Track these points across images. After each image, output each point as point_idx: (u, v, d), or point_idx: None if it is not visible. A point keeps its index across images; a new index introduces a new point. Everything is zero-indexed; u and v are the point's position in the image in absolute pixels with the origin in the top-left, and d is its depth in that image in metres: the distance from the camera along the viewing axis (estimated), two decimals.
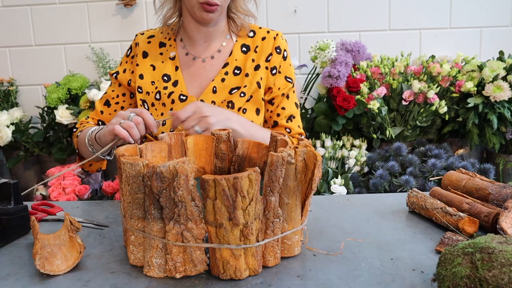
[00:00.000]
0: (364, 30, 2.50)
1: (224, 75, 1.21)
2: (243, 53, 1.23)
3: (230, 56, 1.22)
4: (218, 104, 1.18)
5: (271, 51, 1.23)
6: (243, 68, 1.21)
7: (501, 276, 0.55)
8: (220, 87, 1.19)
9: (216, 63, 1.23)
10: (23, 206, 0.91)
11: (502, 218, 0.81)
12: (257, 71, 1.21)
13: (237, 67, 1.21)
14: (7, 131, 2.30)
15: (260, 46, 1.23)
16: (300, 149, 0.75)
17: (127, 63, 1.27)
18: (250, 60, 1.22)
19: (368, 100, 2.10)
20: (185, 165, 0.66)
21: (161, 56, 1.24)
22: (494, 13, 2.47)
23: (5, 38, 2.54)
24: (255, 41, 1.24)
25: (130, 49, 1.28)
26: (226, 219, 0.68)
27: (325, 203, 1.07)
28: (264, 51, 1.23)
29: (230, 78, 1.20)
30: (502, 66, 2.12)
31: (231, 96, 1.19)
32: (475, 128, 2.16)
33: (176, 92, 1.20)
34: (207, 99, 1.18)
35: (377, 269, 0.74)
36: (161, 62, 1.23)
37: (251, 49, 1.23)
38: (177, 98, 1.19)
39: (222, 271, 0.71)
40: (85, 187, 2.05)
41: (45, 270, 0.72)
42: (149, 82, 1.22)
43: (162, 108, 1.20)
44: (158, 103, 1.21)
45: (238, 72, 1.21)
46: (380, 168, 1.97)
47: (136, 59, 1.24)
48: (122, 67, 1.27)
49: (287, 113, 1.25)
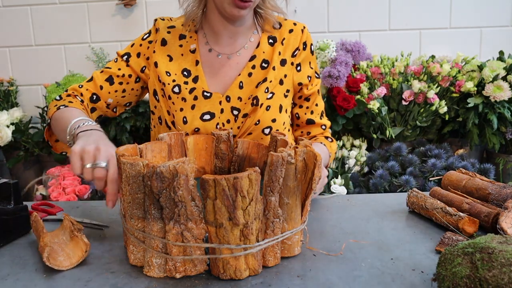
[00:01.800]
0: (364, 30, 2.50)
1: (251, 69, 1.15)
2: (270, 45, 1.18)
3: (258, 48, 1.17)
4: (244, 100, 1.13)
5: (298, 45, 1.19)
6: (270, 61, 1.16)
7: (501, 276, 0.55)
8: (246, 82, 1.14)
9: (243, 59, 1.17)
10: (23, 206, 0.91)
11: (502, 218, 0.81)
12: (283, 67, 1.17)
13: (265, 60, 1.16)
14: (7, 131, 2.30)
15: (287, 38, 1.19)
16: (300, 149, 0.75)
17: (142, 47, 1.18)
18: (276, 52, 1.17)
19: (368, 100, 2.10)
20: (185, 165, 0.66)
21: (180, 48, 1.16)
22: (494, 13, 2.47)
23: (5, 38, 2.54)
24: (282, 33, 1.19)
25: (149, 33, 1.19)
26: (226, 219, 0.68)
27: (325, 203, 1.07)
28: (291, 44, 1.19)
29: (257, 72, 1.15)
30: (502, 66, 2.12)
31: (256, 90, 1.14)
32: (475, 128, 2.16)
33: (198, 89, 1.13)
34: (233, 95, 1.13)
35: (377, 269, 0.74)
36: (180, 54, 1.16)
37: (278, 41, 1.18)
38: (200, 94, 1.12)
39: (222, 271, 0.71)
40: (85, 187, 2.05)
41: (50, 263, 0.73)
42: (164, 72, 1.14)
43: (181, 103, 1.12)
44: (176, 97, 1.12)
45: (265, 65, 1.16)
46: (380, 168, 1.97)
47: (154, 46, 1.17)
48: (134, 50, 1.18)
49: (319, 109, 1.25)
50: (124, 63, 1.18)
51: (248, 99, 1.13)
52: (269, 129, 1.13)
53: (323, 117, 1.27)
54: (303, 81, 1.20)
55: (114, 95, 1.18)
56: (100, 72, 1.18)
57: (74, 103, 1.12)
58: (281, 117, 1.16)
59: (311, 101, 1.23)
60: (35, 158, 2.44)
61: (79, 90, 1.16)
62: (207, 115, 1.11)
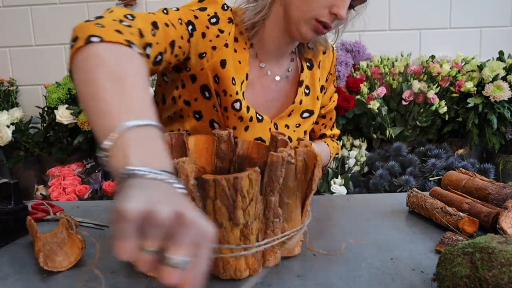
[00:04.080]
0: (364, 30, 2.49)
1: (302, 95, 1.04)
2: (308, 69, 1.07)
3: (303, 72, 1.05)
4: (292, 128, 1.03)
5: (330, 69, 1.12)
6: (312, 87, 1.06)
7: (501, 276, 0.55)
8: (296, 110, 1.04)
9: (289, 82, 1.05)
10: (23, 206, 0.91)
11: (502, 218, 0.81)
12: (321, 94, 1.11)
13: (307, 86, 1.06)
14: (7, 131, 2.30)
15: (322, 61, 1.10)
16: (300, 149, 0.75)
17: (209, 30, 0.91)
18: (317, 78, 1.07)
19: (368, 100, 2.10)
20: (185, 165, 0.66)
21: (235, 53, 0.96)
22: (494, 13, 2.47)
23: (5, 38, 2.54)
24: (317, 55, 1.08)
25: (217, 18, 0.92)
26: (226, 219, 0.68)
27: (325, 203, 1.07)
28: (326, 68, 1.11)
29: (304, 98, 1.05)
30: (502, 66, 2.12)
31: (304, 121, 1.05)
32: (475, 128, 2.16)
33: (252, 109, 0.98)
34: (281, 123, 1.03)
35: (377, 269, 0.74)
36: (238, 61, 0.96)
37: (315, 65, 1.08)
38: (255, 116, 0.98)
39: (222, 271, 0.71)
40: (85, 187, 2.05)
41: (48, 267, 0.73)
42: (230, 78, 0.93)
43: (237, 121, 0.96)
44: (233, 114, 0.95)
45: (307, 91, 1.06)
46: (380, 168, 1.97)
47: (227, 38, 0.93)
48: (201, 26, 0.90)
49: (332, 122, 1.25)
50: (187, 33, 0.88)
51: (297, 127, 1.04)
52: None
53: (333, 128, 1.26)
54: (325, 103, 1.17)
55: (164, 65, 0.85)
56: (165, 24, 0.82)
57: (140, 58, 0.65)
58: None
59: (327, 117, 1.22)
60: (35, 158, 2.44)
61: (150, 37, 0.77)
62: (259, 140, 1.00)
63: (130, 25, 0.72)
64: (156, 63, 0.82)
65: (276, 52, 1.01)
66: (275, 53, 1.01)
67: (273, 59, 1.02)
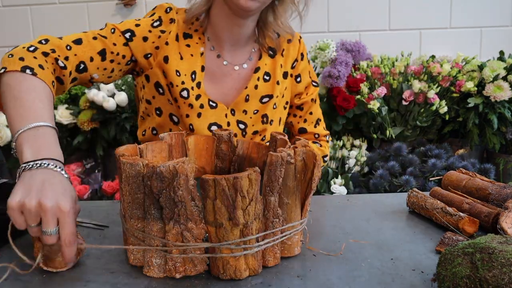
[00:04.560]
0: (364, 30, 2.50)
1: (257, 81, 1.11)
2: (271, 57, 1.14)
3: (260, 60, 1.13)
4: (250, 114, 1.10)
5: (297, 57, 1.17)
6: (272, 74, 1.13)
7: (501, 276, 0.55)
8: (252, 95, 1.10)
9: (247, 70, 1.12)
10: None
11: (502, 218, 0.81)
12: (285, 80, 1.15)
13: (267, 72, 1.12)
14: (7, 131, 2.30)
15: (286, 49, 1.16)
16: (299, 149, 0.75)
17: (151, 33, 1.04)
18: (278, 65, 1.14)
19: (368, 100, 2.10)
20: (185, 165, 0.66)
21: (188, 48, 1.07)
22: (494, 13, 2.47)
23: (5, 38, 2.54)
24: (281, 43, 1.15)
25: (160, 21, 1.06)
26: (226, 219, 0.68)
27: (325, 203, 1.07)
28: (291, 56, 1.16)
29: (260, 84, 1.11)
30: (502, 66, 2.12)
31: (263, 106, 1.11)
32: (475, 128, 2.16)
33: (203, 96, 1.06)
34: (238, 109, 1.10)
35: (377, 269, 0.73)
36: (189, 54, 1.07)
37: (278, 53, 1.15)
38: (206, 103, 1.06)
39: (222, 271, 0.71)
40: (85, 187, 2.05)
41: (48, 267, 0.73)
42: (174, 70, 1.04)
43: (188, 109, 1.06)
44: (183, 102, 1.05)
45: (267, 78, 1.12)
46: (380, 168, 1.97)
47: (168, 37, 1.05)
48: (141, 32, 1.03)
49: (314, 118, 1.24)
50: (122, 40, 1.02)
51: (254, 114, 1.11)
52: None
53: (318, 125, 1.25)
54: (300, 91, 1.20)
55: (102, 72, 1.01)
56: (92, 38, 0.98)
57: (46, 72, 0.85)
58: (279, 129, 1.17)
59: (305, 110, 1.22)
60: None
61: (66, 52, 0.94)
62: (214, 126, 1.08)
63: (37, 48, 0.89)
64: (80, 71, 0.97)
65: (231, 40, 1.09)
66: (230, 41, 1.09)
67: (230, 49, 1.11)
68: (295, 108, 1.22)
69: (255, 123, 1.11)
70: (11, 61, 0.84)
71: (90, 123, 2.20)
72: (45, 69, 0.86)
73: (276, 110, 1.14)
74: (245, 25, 1.07)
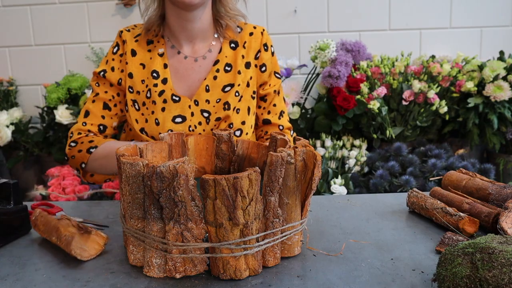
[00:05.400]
0: (364, 30, 2.49)
1: (215, 72, 1.19)
2: (232, 49, 1.22)
3: (220, 53, 1.21)
4: (212, 103, 1.17)
5: (259, 47, 1.23)
6: (233, 64, 1.20)
7: (501, 276, 0.55)
8: (212, 85, 1.18)
9: (207, 63, 1.20)
10: (23, 206, 0.91)
11: (503, 218, 0.81)
12: (248, 70, 1.21)
13: (228, 63, 1.20)
14: (6, 131, 2.30)
15: (248, 41, 1.23)
16: (299, 149, 0.75)
17: (114, 61, 1.20)
18: (240, 56, 1.21)
19: (368, 100, 2.10)
20: (185, 165, 0.66)
21: (149, 53, 1.19)
22: (494, 13, 2.47)
23: (5, 38, 2.54)
24: (243, 36, 1.23)
25: (117, 46, 1.21)
26: (226, 219, 0.68)
27: (325, 203, 1.07)
28: (253, 47, 1.23)
29: (221, 75, 1.19)
30: (502, 66, 2.12)
31: (225, 95, 1.18)
32: (475, 128, 2.16)
33: (167, 91, 1.16)
34: (201, 99, 1.17)
35: (377, 269, 0.73)
36: (149, 58, 1.19)
37: (240, 45, 1.22)
38: (169, 98, 1.16)
39: (222, 271, 0.71)
40: (84, 187, 2.05)
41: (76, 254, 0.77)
42: (139, 81, 1.17)
43: (152, 106, 1.16)
44: (148, 102, 1.16)
45: (229, 69, 1.20)
46: (380, 168, 1.97)
47: (126, 57, 1.19)
48: (108, 65, 1.20)
49: (278, 109, 1.28)
50: (107, 83, 1.20)
51: (217, 102, 1.17)
52: (240, 131, 1.18)
53: (282, 117, 1.29)
54: (264, 81, 1.25)
55: (116, 118, 1.22)
56: (92, 102, 1.20)
57: (95, 139, 1.16)
58: (249, 119, 1.21)
59: (268, 101, 1.27)
60: (34, 158, 2.44)
61: (85, 128, 1.19)
62: (178, 118, 1.15)
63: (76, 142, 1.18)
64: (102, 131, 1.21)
65: (187, 36, 1.18)
66: (187, 37, 1.19)
67: (189, 44, 1.20)
68: (259, 99, 1.27)
69: (218, 111, 1.17)
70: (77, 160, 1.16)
71: None
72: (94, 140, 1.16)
73: (243, 99, 1.20)
74: (196, 19, 1.16)
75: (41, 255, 0.81)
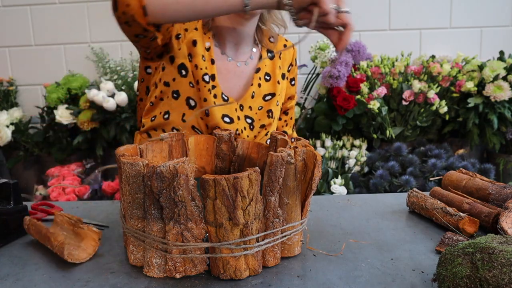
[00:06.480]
0: (364, 30, 2.49)
1: (259, 80, 1.17)
2: (270, 59, 1.21)
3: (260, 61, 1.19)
4: (255, 110, 1.16)
5: (291, 61, 1.25)
6: (272, 74, 1.19)
7: (501, 276, 0.55)
8: (257, 93, 1.16)
9: (249, 69, 1.17)
10: (23, 206, 0.91)
11: (503, 218, 0.81)
12: (283, 81, 1.22)
13: (267, 73, 1.19)
14: (6, 131, 2.30)
15: (283, 53, 1.23)
16: (299, 149, 0.75)
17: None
18: (277, 66, 1.21)
19: (368, 100, 2.10)
20: (185, 165, 0.66)
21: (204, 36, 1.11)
22: (494, 13, 2.47)
23: (5, 38, 2.54)
24: (278, 47, 1.22)
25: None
26: (226, 219, 0.68)
27: (325, 203, 1.07)
28: (287, 60, 1.24)
29: (263, 83, 1.18)
30: (502, 66, 2.12)
31: (267, 104, 1.17)
32: (475, 128, 2.16)
33: (218, 88, 1.10)
34: (246, 104, 1.14)
35: (377, 269, 0.73)
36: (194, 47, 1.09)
37: (276, 55, 1.21)
38: (220, 95, 1.10)
39: (222, 271, 0.71)
40: (85, 187, 2.05)
41: (72, 259, 0.76)
42: (201, 55, 1.08)
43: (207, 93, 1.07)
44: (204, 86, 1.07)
45: (268, 78, 1.19)
46: (380, 168, 1.97)
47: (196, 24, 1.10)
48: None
49: (292, 122, 1.31)
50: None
51: (259, 110, 1.16)
52: None
53: (293, 130, 1.32)
54: (292, 94, 1.27)
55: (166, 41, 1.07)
56: None
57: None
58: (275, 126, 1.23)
59: (289, 115, 1.29)
60: (35, 158, 2.44)
61: None
62: (226, 117, 1.10)
63: None
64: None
65: (234, 39, 1.14)
66: (233, 40, 1.14)
67: (232, 48, 1.16)
68: (282, 112, 1.27)
69: (262, 118, 1.16)
70: None
71: (90, 123, 2.20)
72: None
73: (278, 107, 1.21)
74: (247, 25, 1.13)
75: (41, 255, 0.81)
